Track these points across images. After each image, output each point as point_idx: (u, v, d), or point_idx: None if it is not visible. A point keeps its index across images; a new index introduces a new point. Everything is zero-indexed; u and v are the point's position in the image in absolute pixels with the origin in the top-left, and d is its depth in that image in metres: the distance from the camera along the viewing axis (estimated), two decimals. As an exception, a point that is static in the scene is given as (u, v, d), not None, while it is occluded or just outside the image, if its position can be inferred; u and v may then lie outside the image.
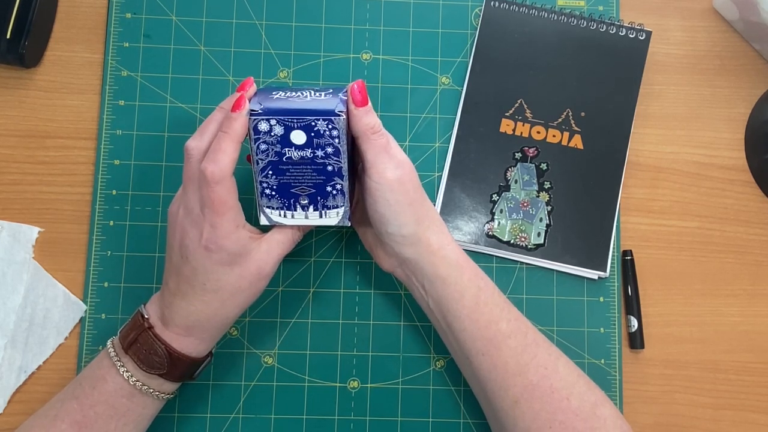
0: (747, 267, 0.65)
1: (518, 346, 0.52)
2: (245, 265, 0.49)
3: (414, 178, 0.52)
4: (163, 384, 0.51)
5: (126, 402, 0.51)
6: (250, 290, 0.51)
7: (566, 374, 0.52)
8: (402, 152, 0.52)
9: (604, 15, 0.67)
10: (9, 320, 0.60)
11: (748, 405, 0.63)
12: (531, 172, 0.65)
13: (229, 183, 0.48)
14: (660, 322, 0.64)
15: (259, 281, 0.51)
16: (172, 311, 0.50)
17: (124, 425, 0.51)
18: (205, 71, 0.65)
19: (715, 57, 0.68)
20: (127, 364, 0.51)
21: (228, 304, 0.50)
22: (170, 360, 0.50)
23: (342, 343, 0.62)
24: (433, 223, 0.53)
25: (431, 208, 0.54)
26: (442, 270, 0.52)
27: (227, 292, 0.50)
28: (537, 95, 0.65)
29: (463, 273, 0.53)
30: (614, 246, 0.64)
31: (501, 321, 0.52)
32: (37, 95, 0.64)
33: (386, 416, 0.61)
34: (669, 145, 0.67)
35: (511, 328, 0.52)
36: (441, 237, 0.53)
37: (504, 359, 0.51)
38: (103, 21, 0.65)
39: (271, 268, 0.51)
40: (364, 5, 0.67)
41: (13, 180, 0.63)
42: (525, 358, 0.51)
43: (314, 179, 0.50)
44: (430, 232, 0.53)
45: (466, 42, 0.67)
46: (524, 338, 0.52)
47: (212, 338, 0.52)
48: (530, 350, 0.52)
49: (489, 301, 0.52)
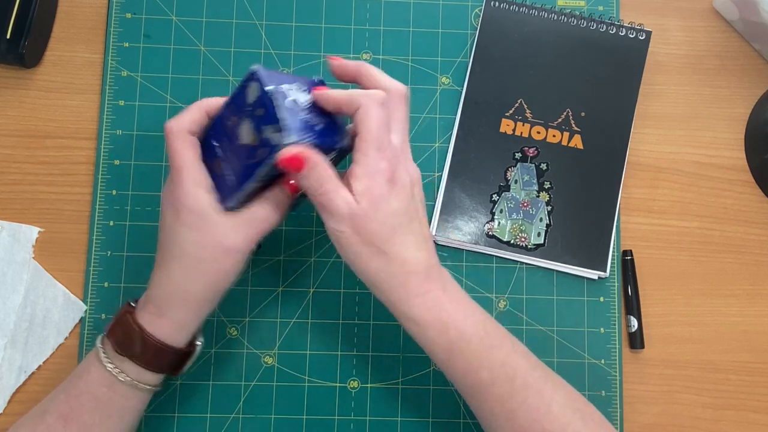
0: (747, 267, 0.65)
1: (504, 393, 0.49)
2: (207, 232, 0.48)
3: (364, 227, 0.47)
4: (140, 373, 0.50)
5: (107, 392, 0.50)
6: (214, 264, 0.49)
7: (560, 414, 0.49)
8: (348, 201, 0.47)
9: (604, 15, 0.67)
10: (9, 320, 0.60)
11: (748, 405, 0.63)
12: (531, 172, 0.65)
13: (187, 139, 0.49)
14: (660, 322, 0.64)
15: (224, 256, 0.49)
16: (149, 286, 0.51)
17: (108, 417, 0.50)
18: (205, 71, 0.65)
19: (715, 57, 0.68)
20: (108, 349, 0.50)
21: (191, 276, 0.49)
22: (143, 343, 0.50)
23: (342, 343, 0.62)
24: (396, 274, 0.49)
25: (398, 254, 0.48)
26: (405, 324, 0.50)
27: (189, 260, 0.49)
28: (537, 95, 0.65)
29: (426, 329, 0.49)
30: (614, 246, 0.64)
31: (481, 370, 0.49)
32: (37, 95, 0.64)
33: (386, 416, 0.61)
34: (669, 145, 0.67)
35: (493, 376, 0.49)
36: (401, 290, 0.49)
37: (489, 405, 0.50)
38: (103, 21, 0.65)
39: (234, 243, 0.49)
40: (364, 5, 0.67)
41: (13, 180, 0.63)
42: (512, 405, 0.49)
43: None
44: (389, 284, 0.49)
45: (466, 42, 0.67)
46: (511, 384, 0.49)
47: (182, 322, 0.50)
48: (519, 395, 0.49)
49: (465, 352, 0.49)
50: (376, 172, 0.47)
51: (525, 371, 0.50)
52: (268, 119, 0.47)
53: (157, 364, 0.51)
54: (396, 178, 0.48)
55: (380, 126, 0.48)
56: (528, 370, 0.50)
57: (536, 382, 0.50)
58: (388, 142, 0.48)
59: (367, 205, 0.47)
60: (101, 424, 0.50)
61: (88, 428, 0.50)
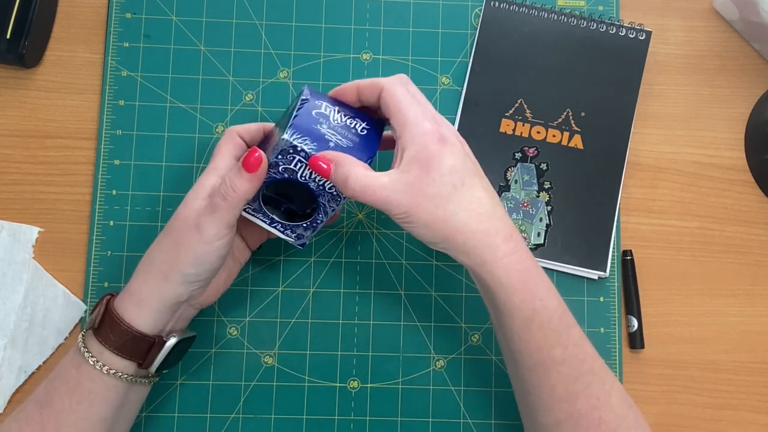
0: (747, 267, 0.65)
1: (570, 374, 0.48)
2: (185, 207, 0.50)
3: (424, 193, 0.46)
4: (102, 352, 0.49)
5: (75, 373, 0.50)
6: (179, 235, 0.49)
7: (617, 406, 0.49)
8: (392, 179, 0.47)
9: (604, 15, 0.67)
10: (9, 320, 0.60)
11: (748, 405, 0.63)
12: (531, 172, 0.65)
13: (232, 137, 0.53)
14: (660, 322, 0.64)
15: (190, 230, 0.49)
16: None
17: (78, 403, 0.49)
18: (205, 71, 0.65)
19: (715, 57, 0.68)
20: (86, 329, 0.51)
21: (158, 243, 0.51)
22: (104, 316, 0.50)
23: (342, 343, 0.62)
24: (474, 234, 0.47)
25: (473, 210, 0.47)
26: (491, 284, 0.48)
27: (163, 231, 0.50)
28: (537, 95, 0.65)
29: (513, 293, 0.48)
30: (614, 246, 0.64)
31: (555, 348, 0.48)
32: (37, 95, 0.64)
33: (386, 416, 0.61)
34: (669, 145, 0.67)
35: (565, 355, 0.48)
36: (488, 251, 0.47)
37: (551, 383, 0.48)
38: (103, 21, 0.65)
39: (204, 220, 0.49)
40: (364, 5, 0.67)
41: (13, 180, 0.63)
42: (576, 387, 0.48)
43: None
44: (472, 244, 0.47)
45: (466, 42, 0.67)
46: (579, 366, 0.48)
47: (141, 296, 0.50)
48: (584, 379, 0.48)
49: (544, 326, 0.48)
50: (422, 135, 0.47)
51: (593, 357, 0.50)
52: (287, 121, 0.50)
53: (117, 344, 0.49)
54: (445, 137, 0.48)
55: (410, 97, 0.49)
56: (595, 356, 0.50)
57: (601, 370, 0.50)
58: (425, 108, 0.49)
59: (419, 171, 0.46)
60: (71, 410, 0.49)
61: (59, 414, 0.49)
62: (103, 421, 0.51)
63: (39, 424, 0.49)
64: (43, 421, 0.49)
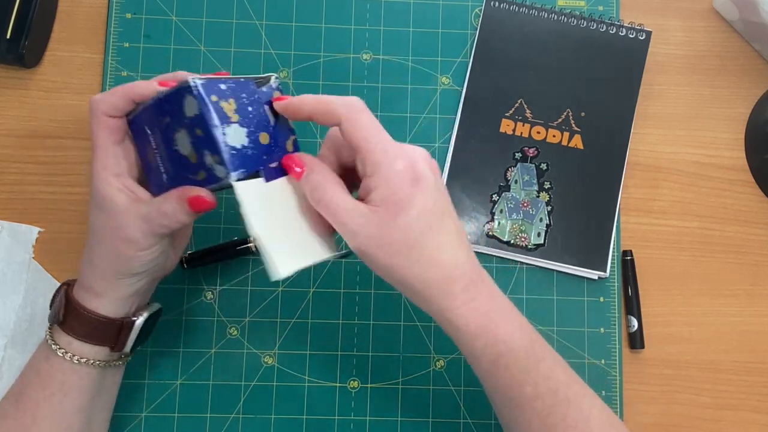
0: (747, 267, 0.65)
1: (544, 408, 0.47)
2: (107, 216, 0.47)
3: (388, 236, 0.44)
4: (70, 342, 0.49)
5: (46, 366, 0.49)
6: (111, 246, 0.48)
7: (598, 429, 0.48)
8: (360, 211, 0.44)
9: (604, 15, 0.67)
10: (9, 320, 0.60)
11: (748, 405, 0.63)
12: (531, 172, 0.65)
13: (102, 121, 0.48)
14: (660, 322, 0.64)
15: (122, 243, 0.47)
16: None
17: (51, 395, 0.49)
18: (204, 71, 0.65)
19: (715, 57, 0.68)
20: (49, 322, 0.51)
21: (94, 251, 0.49)
22: (65, 307, 0.49)
23: (342, 343, 0.62)
24: (437, 280, 0.46)
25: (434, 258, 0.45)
26: (452, 332, 0.47)
27: (95, 237, 0.48)
28: (537, 95, 0.65)
29: (474, 340, 0.46)
30: (614, 246, 0.64)
31: (525, 386, 0.47)
32: (37, 95, 0.64)
33: (386, 416, 0.61)
34: (669, 145, 0.67)
35: (537, 391, 0.47)
36: (447, 299, 0.46)
37: (528, 419, 0.47)
38: (103, 21, 0.65)
39: (131, 235, 0.47)
40: (364, 5, 0.67)
41: (13, 180, 0.63)
42: (552, 419, 0.47)
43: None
44: (430, 293, 0.46)
45: (466, 42, 0.67)
46: (553, 398, 0.47)
47: (95, 292, 0.49)
48: (559, 410, 0.47)
49: (510, 366, 0.47)
50: (394, 177, 0.44)
51: (566, 384, 0.48)
52: (209, 146, 0.45)
53: (84, 333, 0.49)
54: (419, 175, 0.44)
55: (376, 128, 0.45)
56: (569, 383, 0.48)
57: (576, 396, 0.48)
58: (391, 142, 0.45)
59: (386, 214, 0.44)
60: (45, 401, 0.49)
61: (33, 407, 0.49)
62: (80, 410, 0.50)
63: (15, 419, 0.49)
64: (18, 415, 0.49)
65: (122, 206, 0.47)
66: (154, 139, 0.48)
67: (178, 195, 0.46)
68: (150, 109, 0.47)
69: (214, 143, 0.45)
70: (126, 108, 0.48)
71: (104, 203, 0.47)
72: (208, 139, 0.45)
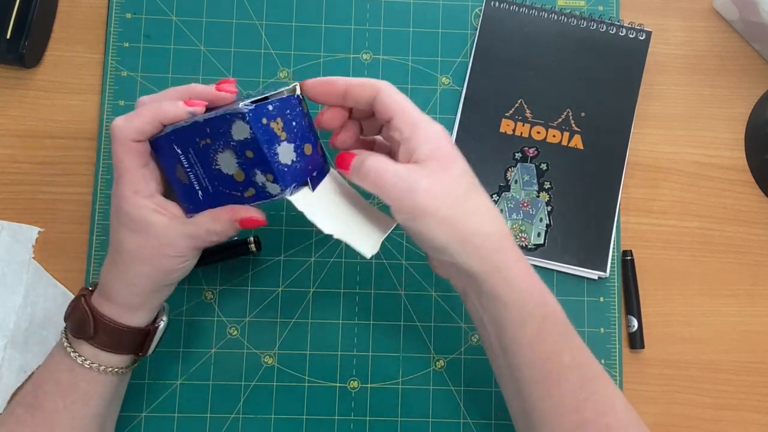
0: (747, 267, 0.65)
1: (577, 381, 0.47)
2: (147, 237, 0.48)
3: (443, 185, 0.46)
4: (98, 354, 0.50)
5: (68, 376, 0.49)
6: (153, 264, 0.48)
7: (622, 412, 0.48)
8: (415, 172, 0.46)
9: (604, 15, 0.67)
10: (9, 320, 0.60)
11: (748, 405, 0.63)
12: (531, 172, 0.65)
13: (130, 147, 0.47)
14: (660, 322, 0.64)
15: (162, 259, 0.48)
16: (100, 274, 0.51)
17: (72, 403, 0.49)
18: (205, 71, 0.65)
19: (715, 57, 0.68)
20: (67, 333, 0.51)
21: (131, 271, 0.49)
22: (94, 323, 0.49)
23: (342, 343, 0.62)
24: (489, 236, 0.47)
25: (487, 214, 0.47)
26: (504, 292, 0.47)
27: (129, 257, 0.48)
28: (537, 95, 0.65)
29: (527, 299, 0.47)
30: (614, 246, 0.64)
31: (564, 353, 0.47)
32: (37, 95, 0.64)
33: (386, 416, 0.61)
34: (669, 145, 0.67)
35: (573, 361, 0.47)
36: (501, 255, 0.47)
37: (561, 393, 0.47)
38: (103, 21, 0.65)
39: (175, 252, 0.48)
40: (364, 5, 0.67)
41: (13, 180, 0.63)
42: (583, 394, 0.47)
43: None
44: (488, 247, 0.46)
45: (466, 42, 0.67)
46: (586, 372, 0.48)
47: (129, 306, 0.50)
48: (589, 386, 0.47)
49: (553, 331, 0.47)
50: (436, 133, 0.47)
51: (594, 362, 0.49)
52: (262, 166, 0.46)
53: (113, 344, 0.50)
54: (451, 139, 0.48)
55: (408, 99, 0.48)
56: (595, 361, 0.49)
57: (602, 375, 0.49)
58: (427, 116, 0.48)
59: (437, 165, 0.46)
60: (66, 409, 0.49)
61: (52, 415, 0.49)
62: (98, 415, 0.51)
63: (30, 426, 0.49)
64: (35, 423, 0.49)
65: (162, 226, 0.48)
66: (187, 159, 0.48)
67: (229, 217, 0.48)
68: (183, 131, 0.47)
69: (268, 164, 0.46)
70: (154, 132, 0.48)
71: (141, 226, 0.48)
72: (261, 160, 0.46)
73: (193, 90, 0.49)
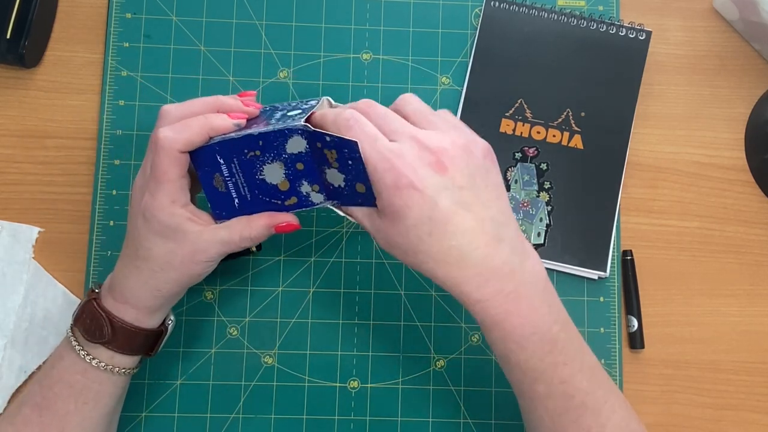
0: (747, 267, 0.65)
1: (557, 408, 0.47)
2: (180, 244, 0.48)
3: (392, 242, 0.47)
4: (113, 356, 0.50)
5: (81, 378, 0.50)
6: (182, 270, 0.49)
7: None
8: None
9: (604, 15, 0.67)
10: (9, 320, 0.60)
11: (748, 405, 0.63)
12: (531, 172, 0.65)
13: (175, 158, 0.47)
14: (660, 322, 0.64)
15: (193, 264, 0.49)
16: (114, 276, 0.51)
17: (84, 404, 0.50)
18: (205, 71, 0.65)
19: (715, 57, 0.68)
20: (78, 336, 0.51)
21: (159, 277, 0.49)
22: (111, 327, 0.50)
23: (342, 343, 0.62)
24: (447, 280, 0.46)
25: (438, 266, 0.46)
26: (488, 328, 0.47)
27: (157, 264, 0.49)
28: (537, 95, 0.65)
29: (491, 332, 0.47)
30: (614, 246, 0.64)
31: (536, 383, 0.47)
32: (37, 95, 0.64)
33: (386, 416, 0.61)
34: (669, 145, 0.67)
35: (550, 391, 0.47)
36: (460, 297, 0.46)
37: (539, 415, 0.48)
38: (103, 21, 0.65)
39: (206, 258, 0.49)
40: (364, 5, 0.67)
41: (13, 180, 0.63)
42: (564, 420, 0.47)
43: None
44: (446, 285, 0.47)
45: (466, 42, 0.67)
46: (567, 402, 0.47)
47: (149, 310, 0.51)
48: (572, 413, 0.47)
49: (521, 365, 0.47)
50: (384, 190, 0.45)
51: (586, 391, 0.48)
52: (310, 177, 0.48)
53: (129, 346, 0.51)
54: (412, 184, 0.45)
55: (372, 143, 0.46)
56: (589, 390, 0.48)
57: (595, 403, 0.48)
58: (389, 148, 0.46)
59: (386, 220, 0.46)
60: (77, 411, 0.50)
61: (63, 416, 0.50)
62: (107, 414, 0.52)
63: (39, 426, 0.49)
64: (44, 423, 0.49)
65: (195, 233, 0.49)
66: (228, 168, 0.49)
67: (265, 223, 0.50)
68: (231, 143, 0.48)
69: (316, 175, 0.48)
70: (201, 143, 0.48)
71: (176, 234, 0.48)
72: (311, 171, 0.48)
73: (223, 104, 0.50)
